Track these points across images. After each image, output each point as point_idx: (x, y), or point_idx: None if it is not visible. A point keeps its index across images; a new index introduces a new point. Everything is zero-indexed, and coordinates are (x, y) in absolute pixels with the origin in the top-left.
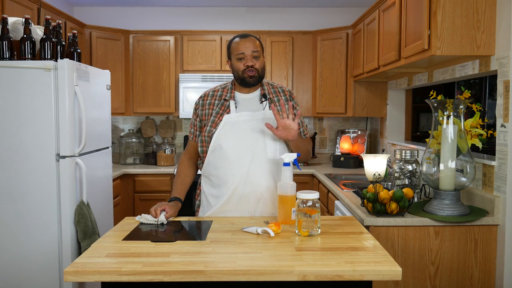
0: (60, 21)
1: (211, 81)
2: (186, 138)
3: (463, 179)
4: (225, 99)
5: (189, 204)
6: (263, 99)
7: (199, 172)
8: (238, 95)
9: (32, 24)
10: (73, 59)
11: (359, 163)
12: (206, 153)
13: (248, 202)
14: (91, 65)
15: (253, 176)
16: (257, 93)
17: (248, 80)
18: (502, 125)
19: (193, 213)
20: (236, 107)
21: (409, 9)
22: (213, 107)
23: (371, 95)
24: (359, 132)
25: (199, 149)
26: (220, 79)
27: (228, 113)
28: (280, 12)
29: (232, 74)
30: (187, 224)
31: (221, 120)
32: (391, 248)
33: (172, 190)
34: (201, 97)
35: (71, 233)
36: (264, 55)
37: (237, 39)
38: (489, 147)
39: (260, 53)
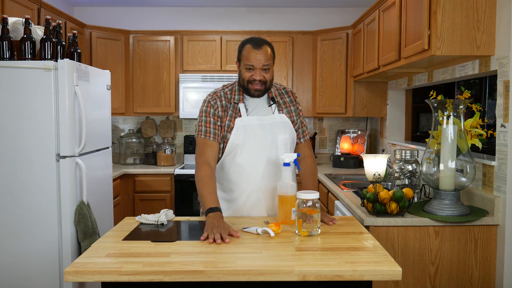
0: (60, 21)
1: (211, 81)
2: (186, 138)
3: (463, 179)
4: (235, 102)
5: (189, 204)
6: (272, 103)
7: None
8: (246, 97)
9: (32, 24)
10: (73, 59)
11: (359, 163)
12: (221, 156)
13: (262, 208)
14: (91, 65)
15: (267, 182)
16: (264, 96)
17: (252, 92)
18: (502, 125)
19: (193, 213)
20: (246, 109)
21: (409, 9)
22: (226, 110)
23: (371, 95)
24: (359, 132)
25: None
26: (220, 79)
27: (239, 116)
28: (280, 12)
29: (233, 74)
30: (187, 224)
31: (234, 124)
32: (391, 248)
33: (203, 201)
34: (213, 98)
35: (71, 233)
36: (274, 62)
37: (249, 46)
38: (489, 147)
39: (271, 65)
